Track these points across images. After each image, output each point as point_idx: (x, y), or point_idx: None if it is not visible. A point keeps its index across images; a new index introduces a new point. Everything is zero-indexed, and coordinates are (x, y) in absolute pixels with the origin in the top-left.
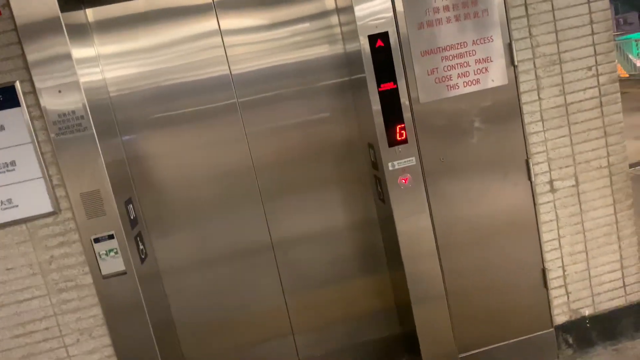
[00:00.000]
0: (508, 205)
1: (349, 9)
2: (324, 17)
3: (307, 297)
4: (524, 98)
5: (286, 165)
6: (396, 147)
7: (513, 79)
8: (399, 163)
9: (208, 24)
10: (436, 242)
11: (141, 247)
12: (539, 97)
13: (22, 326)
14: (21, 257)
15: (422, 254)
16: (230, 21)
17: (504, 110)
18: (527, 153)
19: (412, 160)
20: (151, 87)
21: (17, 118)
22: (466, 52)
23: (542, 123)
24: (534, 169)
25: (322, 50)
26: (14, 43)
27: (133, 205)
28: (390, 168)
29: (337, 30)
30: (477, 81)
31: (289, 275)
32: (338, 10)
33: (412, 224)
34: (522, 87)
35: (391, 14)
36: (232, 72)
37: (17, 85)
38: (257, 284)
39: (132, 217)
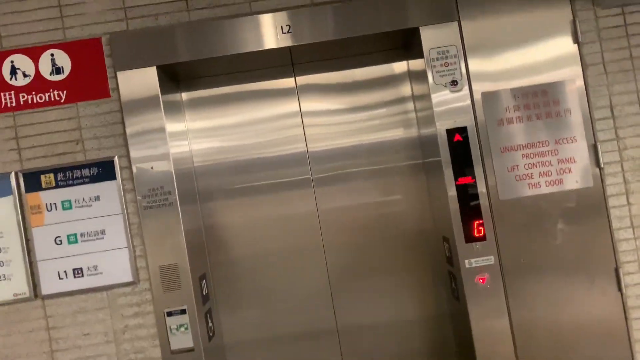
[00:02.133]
0: (595, 315)
1: (426, 97)
2: (399, 103)
3: None
4: (612, 202)
5: (356, 246)
6: (473, 244)
7: (599, 182)
8: (477, 261)
9: (290, 105)
10: (514, 345)
11: (210, 324)
12: (629, 202)
13: None
14: (98, 323)
15: (498, 356)
16: (311, 104)
17: (590, 213)
18: (616, 261)
19: (490, 259)
20: (232, 159)
21: (111, 190)
22: (548, 151)
23: (633, 230)
24: (625, 280)
25: (396, 133)
26: (117, 122)
27: (206, 281)
28: (467, 266)
29: (413, 115)
30: (560, 181)
31: None
32: (414, 98)
33: (489, 326)
34: (609, 191)
35: (470, 109)
36: (309, 150)
37: (116, 160)
38: None
39: (204, 293)
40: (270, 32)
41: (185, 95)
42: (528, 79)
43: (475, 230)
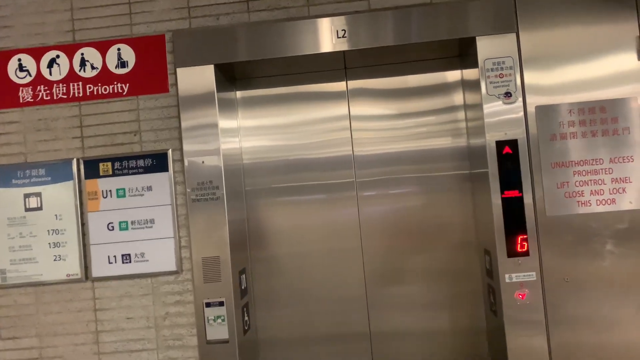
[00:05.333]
0: None
1: (478, 107)
2: (449, 112)
3: None
4: None
5: (395, 252)
6: (516, 259)
7: None
8: (517, 276)
9: (339, 109)
10: None
11: (246, 318)
12: None
13: None
14: (141, 309)
15: None
16: (360, 108)
17: None
18: None
19: (532, 275)
20: (279, 159)
21: (163, 181)
22: (602, 169)
23: None
24: None
25: (444, 142)
26: (173, 117)
27: (246, 276)
28: (507, 280)
29: (462, 125)
30: (613, 201)
31: None
32: (466, 107)
33: (526, 344)
34: None
35: (522, 122)
36: (355, 153)
37: (169, 152)
38: None
39: (243, 287)
40: (326, 36)
41: (239, 94)
42: (586, 95)
43: (519, 245)
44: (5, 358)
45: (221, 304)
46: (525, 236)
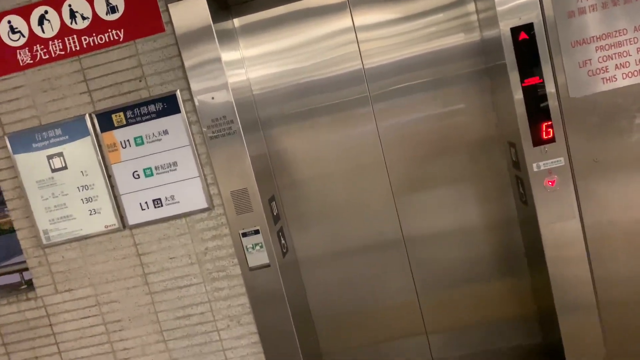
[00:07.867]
0: None
1: None
2: (458, 6)
3: (441, 296)
4: None
5: (418, 159)
6: (542, 147)
7: None
8: (545, 164)
9: (342, 21)
10: (587, 247)
11: (283, 241)
12: None
13: (182, 309)
14: (181, 247)
15: (569, 259)
16: (364, 17)
17: None
18: None
19: (560, 161)
20: (288, 84)
21: (177, 123)
22: (626, 40)
23: None
24: None
25: (456, 40)
26: (175, 56)
27: (276, 203)
28: (535, 169)
29: (473, 17)
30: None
31: (422, 273)
32: None
33: (559, 230)
34: None
35: (537, 3)
36: (365, 67)
37: (178, 93)
38: (390, 279)
39: (275, 214)
40: None
41: (237, 22)
42: None
43: (544, 132)
44: (66, 308)
45: (257, 232)
46: (549, 122)
